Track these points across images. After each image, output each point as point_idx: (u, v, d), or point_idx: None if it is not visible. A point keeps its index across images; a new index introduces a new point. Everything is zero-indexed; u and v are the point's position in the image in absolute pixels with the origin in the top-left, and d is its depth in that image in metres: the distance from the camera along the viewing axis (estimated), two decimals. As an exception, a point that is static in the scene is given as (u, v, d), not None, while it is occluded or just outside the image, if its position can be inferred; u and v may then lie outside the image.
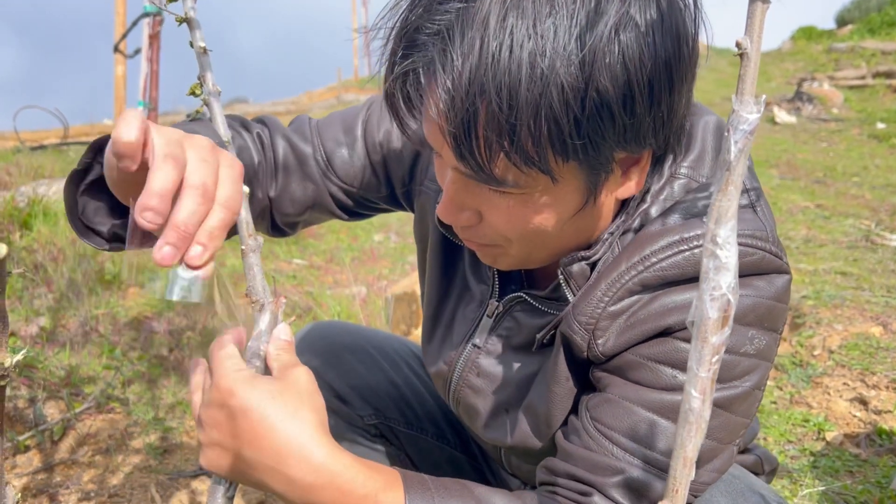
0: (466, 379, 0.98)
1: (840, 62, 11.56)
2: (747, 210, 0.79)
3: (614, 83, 0.65)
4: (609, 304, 0.77)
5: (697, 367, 0.52)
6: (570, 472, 0.79)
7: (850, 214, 4.63)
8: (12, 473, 1.76)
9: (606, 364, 0.80)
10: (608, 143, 0.69)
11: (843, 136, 8.08)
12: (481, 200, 0.77)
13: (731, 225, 0.51)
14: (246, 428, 0.67)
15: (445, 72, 0.66)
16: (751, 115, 0.50)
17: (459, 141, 0.68)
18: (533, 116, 0.65)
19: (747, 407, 0.79)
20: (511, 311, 0.93)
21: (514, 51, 0.64)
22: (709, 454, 0.78)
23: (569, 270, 0.82)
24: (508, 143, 0.67)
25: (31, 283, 2.71)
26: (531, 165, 0.68)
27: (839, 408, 2.11)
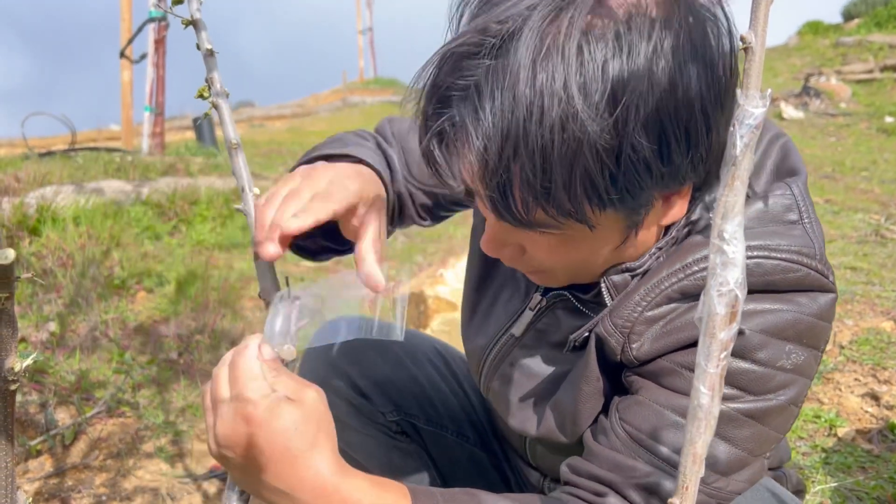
0: (499, 368, 0.99)
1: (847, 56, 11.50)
2: (796, 226, 0.78)
3: (649, 138, 0.65)
4: (646, 310, 0.78)
5: (706, 362, 0.52)
6: (593, 472, 0.79)
7: (859, 209, 4.61)
8: (24, 478, 1.77)
9: (640, 368, 0.81)
10: (646, 190, 0.69)
11: (851, 130, 8.04)
12: (523, 238, 0.78)
13: (737, 220, 0.51)
14: (267, 458, 0.69)
15: (477, 135, 0.66)
16: (756, 110, 0.50)
17: (496, 202, 0.69)
18: (567, 177, 0.65)
19: (781, 422, 0.79)
20: (553, 308, 0.94)
21: (545, 113, 0.63)
22: (738, 464, 0.78)
23: (612, 280, 0.82)
24: (545, 201, 0.67)
25: (41, 288, 2.72)
26: (569, 217, 0.69)
27: (850, 403, 2.10)
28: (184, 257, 3.32)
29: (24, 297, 2.66)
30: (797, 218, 0.79)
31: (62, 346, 2.37)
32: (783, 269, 0.74)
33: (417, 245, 4.15)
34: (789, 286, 0.75)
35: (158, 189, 4.03)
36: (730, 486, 0.77)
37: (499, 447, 1.28)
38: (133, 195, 3.88)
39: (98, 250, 3.08)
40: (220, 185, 4.32)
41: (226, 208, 3.98)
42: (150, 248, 3.36)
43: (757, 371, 0.75)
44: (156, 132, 6.25)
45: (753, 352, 0.74)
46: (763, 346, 0.74)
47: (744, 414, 0.76)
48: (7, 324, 0.52)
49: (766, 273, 0.74)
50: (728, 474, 0.77)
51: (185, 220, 3.82)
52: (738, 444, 0.76)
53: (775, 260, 0.74)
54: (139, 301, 2.85)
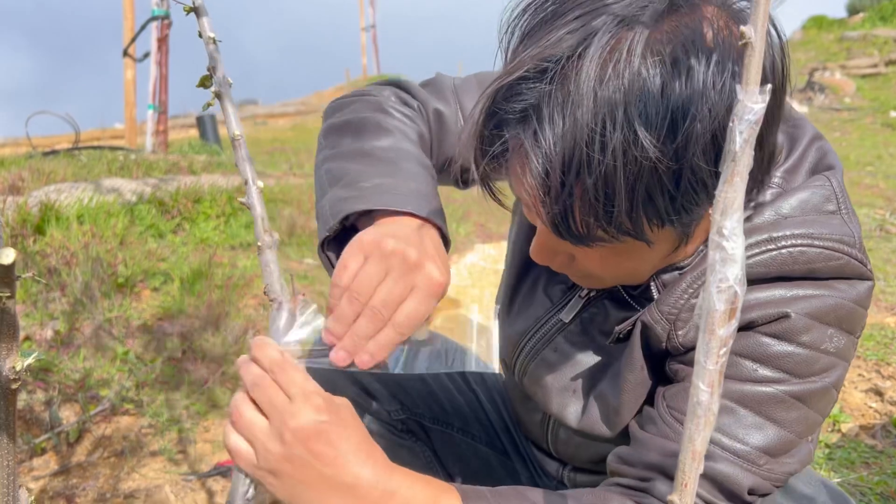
0: (541, 352, 1.00)
1: (852, 51, 11.46)
2: (835, 216, 0.81)
3: (707, 160, 0.66)
4: (692, 297, 0.80)
5: (705, 359, 0.52)
6: (643, 460, 0.80)
7: (864, 204, 4.60)
8: (29, 476, 1.78)
9: (685, 356, 0.82)
10: (701, 207, 0.71)
11: (855, 125, 8.02)
12: (575, 249, 0.79)
13: (737, 217, 0.51)
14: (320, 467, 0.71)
15: (538, 159, 0.66)
16: (756, 105, 0.50)
17: (557, 223, 0.70)
18: (630, 201, 0.66)
19: (824, 405, 0.80)
20: (601, 298, 0.95)
21: (607, 138, 0.64)
22: (787, 446, 0.79)
23: (661, 278, 0.85)
24: (605, 222, 0.68)
25: (46, 287, 2.73)
26: (628, 235, 0.71)
27: (854, 399, 2.10)
28: (188, 255, 3.32)
29: (29, 295, 2.67)
30: (835, 208, 0.81)
31: (67, 344, 2.38)
32: (826, 257, 0.77)
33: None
34: (831, 273, 0.78)
35: (162, 187, 4.03)
36: (782, 468, 0.79)
37: (509, 443, 1.28)
38: (137, 193, 3.88)
39: (102, 249, 3.09)
40: (224, 182, 4.32)
41: (229, 206, 3.99)
42: (153, 246, 3.37)
43: (802, 354, 0.77)
44: (159, 130, 6.26)
45: (799, 335, 0.76)
46: (807, 329, 0.76)
47: (791, 396, 0.77)
48: (8, 323, 0.53)
49: (809, 261, 0.76)
50: (777, 456, 0.78)
51: (189, 219, 3.83)
52: (786, 427, 0.78)
53: (818, 248, 0.77)
54: (143, 299, 2.85)
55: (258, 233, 0.75)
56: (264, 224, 0.75)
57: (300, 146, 7.74)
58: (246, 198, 0.76)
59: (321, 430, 0.71)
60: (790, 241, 0.76)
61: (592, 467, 1.08)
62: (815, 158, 0.86)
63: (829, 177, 0.83)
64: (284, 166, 5.86)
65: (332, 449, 0.71)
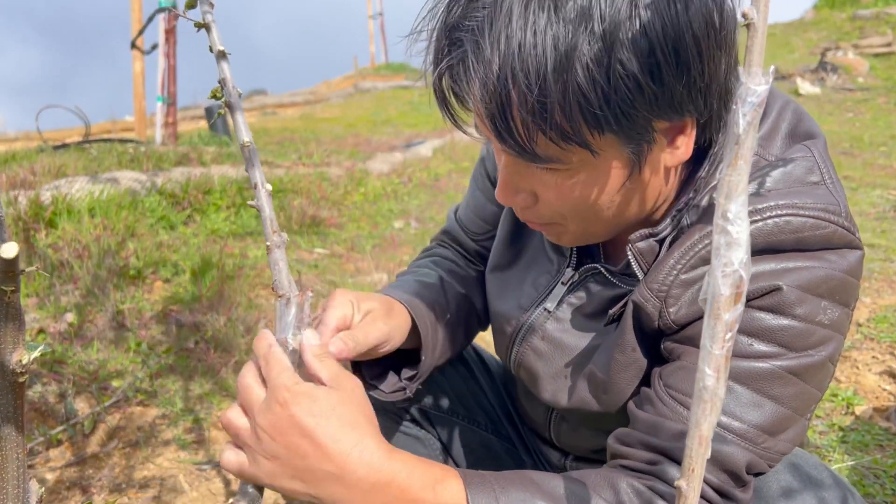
0: (531, 342, 1.01)
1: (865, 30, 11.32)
2: (819, 186, 0.80)
3: (638, 54, 0.67)
4: (682, 272, 0.80)
5: (711, 344, 0.52)
6: (643, 440, 0.79)
7: (877, 185, 4.55)
8: (46, 467, 1.80)
9: (678, 334, 0.82)
10: (640, 112, 0.71)
11: (869, 105, 7.93)
12: (533, 181, 0.81)
13: (741, 200, 0.50)
14: (311, 441, 0.71)
15: (479, 63, 0.70)
16: (759, 87, 0.49)
17: (498, 124, 0.72)
18: (562, 94, 0.68)
19: (821, 379, 0.80)
20: (585, 282, 0.96)
21: (538, 36, 0.67)
22: (786, 423, 0.78)
23: (637, 247, 0.84)
24: (542, 121, 0.70)
25: (59, 279, 2.75)
26: (568, 141, 0.72)
27: (868, 381, 2.09)
28: (198, 246, 3.34)
29: (41, 288, 2.69)
30: (819, 179, 0.81)
31: (80, 336, 2.40)
32: (812, 226, 0.76)
33: (430, 231, 4.15)
34: (819, 244, 0.77)
35: (172, 179, 4.05)
36: (777, 447, 0.78)
37: (513, 431, 1.28)
38: (147, 185, 3.90)
39: (114, 241, 3.11)
40: (234, 173, 4.33)
41: (239, 197, 4.00)
42: (164, 237, 3.38)
43: (797, 327, 0.76)
44: (168, 122, 6.28)
45: (792, 307, 0.75)
46: (800, 301, 0.75)
47: (788, 371, 0.76)
48: (13, 317, 0.53)
49: (795, 230, 0.76)
50: (775, 434, 0.77)
51: (199, 210, 3.84)
52: (784, 403, 0.77)
53: (803, 217, 0.76)
54: (155, 290, 2.87)
55: (267, 233, 0.78)
56: (273, 225, 0.78)
57: (309, 135, 7.74)
58: (255, 200, 0.79)
59: (293, 423, 0.71)
60: (775, 212, 0.76)
61: (595, 457, 1.08)
62: (791, 122, 0.86)
63: (810, 147, 0.83)
64: (294, 156, 5.86)
65: (307, 440, 0.71)
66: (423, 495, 0.73)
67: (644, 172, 0.79)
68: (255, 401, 0.75)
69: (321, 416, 0.71)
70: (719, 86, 0.74)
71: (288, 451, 0.72)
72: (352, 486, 0.71)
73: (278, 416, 0.72)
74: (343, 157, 6.07)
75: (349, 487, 0.71)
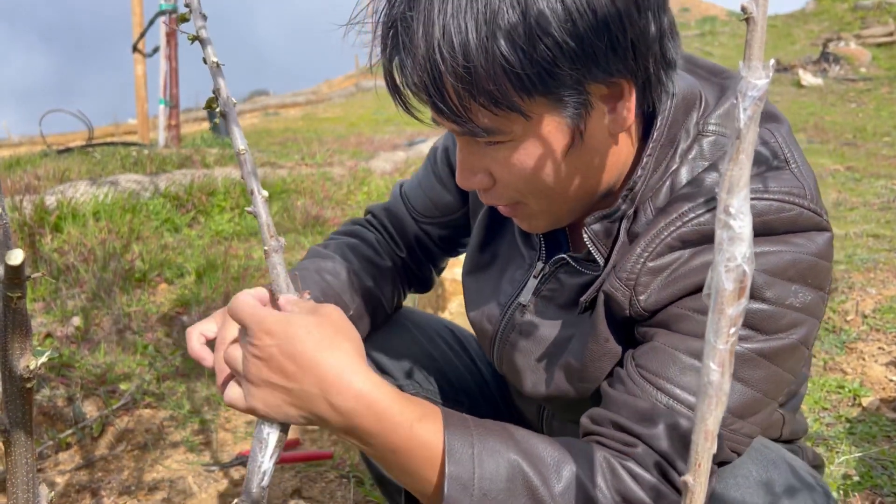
0: (509, 337, 1.02)
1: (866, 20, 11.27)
2: (783, 170, 0.80)
3: (554, 13, 0.70)
4: (649, 260, 0.80)
5: (715, 339, 0.52)
6: (615, 420, 0.79)
7: (881, 175, 4.54)
8: (55, 470, 1.81)
9: (650, 320, 0.82)
10: (564, 71, 0.72)
11: (872, 95, 7.91)
12: (486, 159, 0.83)
13: (743, 194, 0.50)
14: (293, 361, 0.71)
15: (410, 39, 0.74)
16: (759, 81, 0.49)
17: (433, 96, 0.75)
18: (485, 58, 0.71)
19: (793, 363, 0.80)
20: (555, 273, 0.97)
21: (461, 8, 0.71)
22: (756, 406, 0.78)
23: (592, 230, 0.86)
24: (472, 88, 0.73)
25: (64, 283, 2.76)
26: (499, 106, 0.74)
27: (874, 373, 2.08)
28: (203, 248, 3.35)
29: (47, 293, 2.70)
30: (784, 163, 0.82)
31: (87, 340, 2.41)
32: (777, 209, 0.76)
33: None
34: (784, 227, 0.77)
35: (176, 181, 4.06)
36: (744, 429, 0.78)
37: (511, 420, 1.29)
38: (151, 188, 3.91)
39: (118, 244, 3.12)
40: (237, 175, 4.34)
41: (243, 198, 4.00)
42: (169, 240, 3.39)
43: (767, 310, 0.76)
44: (171, 125, 6.29)
45: (761, 290, 0.75)
46: (769, 285, 0.75)
47: (757, 353, 0.76)
48: (20, 323, 0.53)
49: (759, 213, 0.76)
50: (745, 417, 0.78)
51: (203, 212, 3.85)
52: (753, 385, 0.77)
53: (767, 201, 0.76)
54: (160, 293, 2.88)
55: (265, 238, 0.79)
56: (270, 230, 0.79)
57: (311, 135, 7.74)
58: (252, 207, 0.80)
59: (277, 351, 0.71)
60: None
61: None
62: None
63: (772, 131, 0.84)
64: (297, 156, 5.87)
65: (293, 363, 0.71)
66: (400, 430, 0.73)
67: (589, 141, 0.80)
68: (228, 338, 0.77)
69: (303, 340, 0.71)
70: (649, 48, 0.75)
71: (275, 374, 0.71)
72: (334, 407, 0.71)
73: (266, 344, 0.71)
74: (346, 156, 6.07)
75: (332, 409, 0.71)
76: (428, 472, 0.75)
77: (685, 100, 0.85)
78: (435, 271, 1.30)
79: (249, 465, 0.74)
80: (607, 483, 0.74)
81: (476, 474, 0.73)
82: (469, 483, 0.73)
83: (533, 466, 0.75)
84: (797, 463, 0.85)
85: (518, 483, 0.74)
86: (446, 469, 0.72)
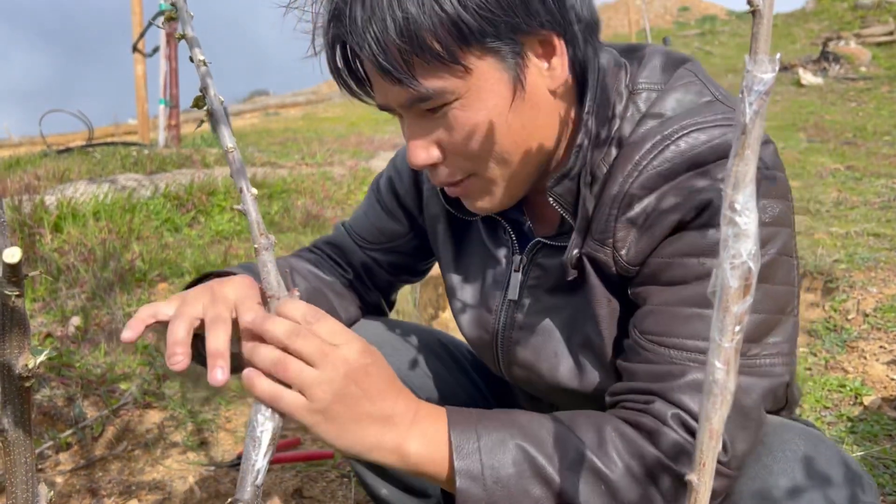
0: (509, 336, 1.02)
1: (866, 19, 11.27)
2: (713, 103, 0.84)
3: None
4: (619, 215, 0.83)
5: (720, 337, 0.51)
6: (633, 387, 0.81)
7: (882, 174, 4.54)
8: (56, 470, 1.80)
9: (637, 276, 0.85)
10: (497, 16, 0.77)
11: (872, 94, 7.90)
12: (434, 130, 0.85)
13: (749, 191, 0.50)
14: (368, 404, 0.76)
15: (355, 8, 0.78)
16: (765, 76, 0.49)
17: (377, 56, 0.78)
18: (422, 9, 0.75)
19: (784, 274, 0.81)
20: (535, 260, 0.98)
21: None
22: (764, 326, 0.79)
23: (555, 192, 0.88)
24: (414, 42, 0.76)
25: (64, 283, 2.76)
26: (441, 59, 0.77)
27: (876, 371, 2.08)
28: (203, 248, 3.34)
29: (48, 292, 2.69)
30: (712, 97, 0.86)
31: (87, 340, 2.40)
32: (720, 135, 0.79)
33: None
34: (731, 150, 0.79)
35: (176, 181, 4.05)
36: (767, 350, 0.79)
37: None
38: (151, 188, 3.91)
39: (118, 244, 3.11)
40: (237, 174, 4.33)
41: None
42: (169, 239, 3.39)
43: None
44: (171, 125, 6.28)
45: None
46: None
47: None
48: (18, 322, 0.53)
49: (706, 142, 0.79)
50: (759, 340, 0.79)
51: (204, 211, 3.84)
52: (754, 309, 0.77)
53: (710, 129, 0.80)
54: (160, 293, 2.87)
55: (254, 236, 0.79)
56: (260, 228, 0.78)
57: (311, 135, 7.74)
58: (241, 204, 0.80)
59: (369, 370, 0.75)
60: (683, 132, 0.80)
61: None
62: (662, 56, 0.91)
63: (690, 69, 0.88)
64: (297, 156, 5.86)
65: (377, 385, 0.76)
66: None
67: (531, 96, 0.83)
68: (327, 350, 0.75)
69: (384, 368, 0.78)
70: (573, 6, 0.82)
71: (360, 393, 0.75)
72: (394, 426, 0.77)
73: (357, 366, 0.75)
74: (346, 156, 6.07)
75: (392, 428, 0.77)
76: (439, 472, 0.78)
77: (612, 66, 0.89)
78: (385, 302, 1.29)
79: (243, 465, 0.74)
80: (618, 450, 0.76)
81: (484, 464, 0.76)
82: (478, 475, 0.76)
83: (537, 447, 0.77)
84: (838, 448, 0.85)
85: (525, 466, 0.76)
86: (455, 465, 0.76)
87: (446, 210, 1.06)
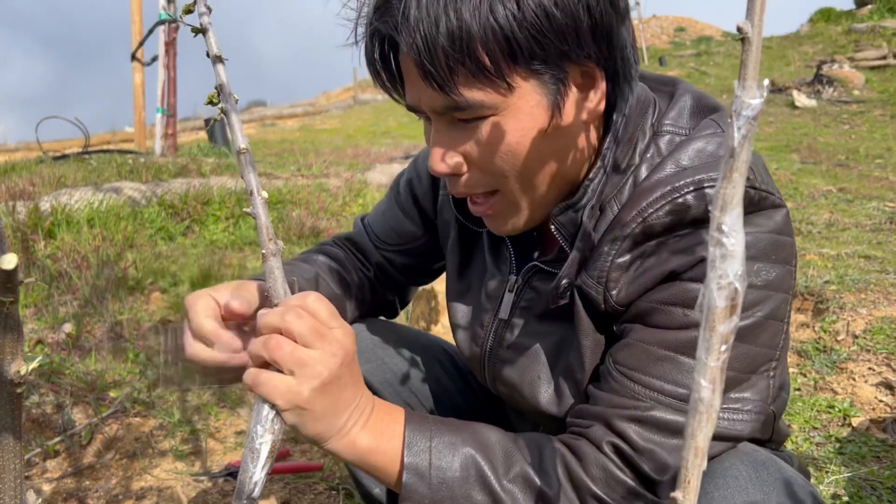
0: (497, 354, 1.03)
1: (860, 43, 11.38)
2: None
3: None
4: (617, 256, 0.83)
5: (706, 356, 0.52)
6: (587, 411, 0.84)
7: (873, 197, 4.57)
8: (42, 478, 1.79)
9: (624, 315, 0.85)
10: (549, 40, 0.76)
11: (865, 117, 7.96)
12: (463, 141, 0.84)
13: (736, 213, 0.51)
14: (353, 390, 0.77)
15: (409, 6, 0.76)
16: (754, 101, 0.50)
17: (423, 57, 0.77)
18: (477, 18, 0.74)
19: (766, 338, 0.82)
20: (529, 283, 0.99)
21: None
22: (732, 383, 0.81)
23: (558, 220, 0.89)
24: (463, 51, 0.75)
25: (57, 290, 2.75)
26: (486, 73, 0.77)
27: (865, 393, 2.09)
28: (197, 257, 3.34)
29: (40, 299, 2.69)
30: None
31: (78, 347, 2.40)
32: None
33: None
34: None
35: (171, 190, 4.05)
36: (734, 406, 0.81)
37: None
38: (147, 196, 3.91)
39: (112, 251, 3.11)
40: (233, 185, 4.34)
41: (238, 208, 4.00)
42: (163, 248, 3.39)
43: None
44: (168, 133, 6.29)
45: None
46: None
47: None
48: (12, 328, 0.53)
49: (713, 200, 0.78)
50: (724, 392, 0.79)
51: (198, 221, 3.84)
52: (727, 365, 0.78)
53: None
54: (153, 301, 2.87)
55: (263, 241, 0.77)
56: (269, 233, 0.77)
57: (308, 147, 7.75)
58: (251, 208, 0.78)
59: (355, 357, 0.77)
60: (691, 187, 0.79)
61: None
62: (693, 100, 0.91)
63: (716, 120, 0.87)
64: (293, 167, 5.87)
65: (357, 373, 0.78)
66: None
67: (565, 123, 0.83)
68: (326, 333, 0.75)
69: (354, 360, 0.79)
70: (619, 42, 0.81)
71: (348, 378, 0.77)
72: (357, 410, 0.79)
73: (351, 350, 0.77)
74: (342, 168, 6.08)
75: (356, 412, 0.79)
76: (391, 465, 0.80)
77: (640, 103, 0.89)
78: (399, 302, 1.31)
79: (240, 476, 0.73)
80: (556, 471, 0.79)
81: (432, 464, 0.79)
82: (425, 472, 0.79)
83: (485, 457, 0.80)
84: (786, 467, 0.85)
85: (471, 472, 0.79)
86: (404, 459, 0.79)
87: (457, 218, 1.08)
